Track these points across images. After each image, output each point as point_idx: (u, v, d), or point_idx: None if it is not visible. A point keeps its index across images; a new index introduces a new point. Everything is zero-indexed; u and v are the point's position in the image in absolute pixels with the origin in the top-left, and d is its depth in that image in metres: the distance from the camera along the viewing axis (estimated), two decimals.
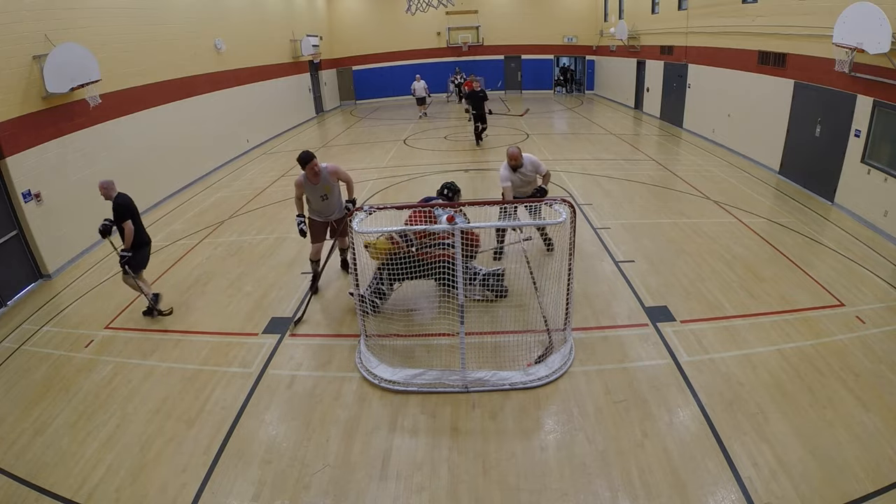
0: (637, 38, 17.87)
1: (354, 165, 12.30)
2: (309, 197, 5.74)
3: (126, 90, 9.26)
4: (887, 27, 6.55)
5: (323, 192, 5.65)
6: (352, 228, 4.34)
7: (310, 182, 5.57)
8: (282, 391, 4.49)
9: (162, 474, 3.66)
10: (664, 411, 4.03)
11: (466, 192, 9.66)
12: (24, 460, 3.86)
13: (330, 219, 5.95)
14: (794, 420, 3.85)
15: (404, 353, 4.85)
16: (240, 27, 14.23)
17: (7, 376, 4.96)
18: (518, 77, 24.31)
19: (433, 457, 3.72)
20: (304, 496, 3.45)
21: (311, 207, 5.86)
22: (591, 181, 10.14)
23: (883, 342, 4.72)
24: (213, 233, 8.39)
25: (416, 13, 16.49)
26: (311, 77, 20.19)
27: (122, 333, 5.57)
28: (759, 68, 10.65)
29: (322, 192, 5.65)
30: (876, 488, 3.25)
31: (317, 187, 5.60)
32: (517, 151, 6.03)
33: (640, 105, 18.43)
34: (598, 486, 3.40)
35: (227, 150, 13.42)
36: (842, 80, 8.02)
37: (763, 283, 5.88)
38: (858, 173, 7.73)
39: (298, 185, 5.63)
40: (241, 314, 5.78)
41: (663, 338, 4.96)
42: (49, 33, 7.24)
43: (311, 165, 5.45)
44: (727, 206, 8.47)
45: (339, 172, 5.73)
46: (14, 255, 6.73)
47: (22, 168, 6.77)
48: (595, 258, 6.65)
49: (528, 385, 4.31)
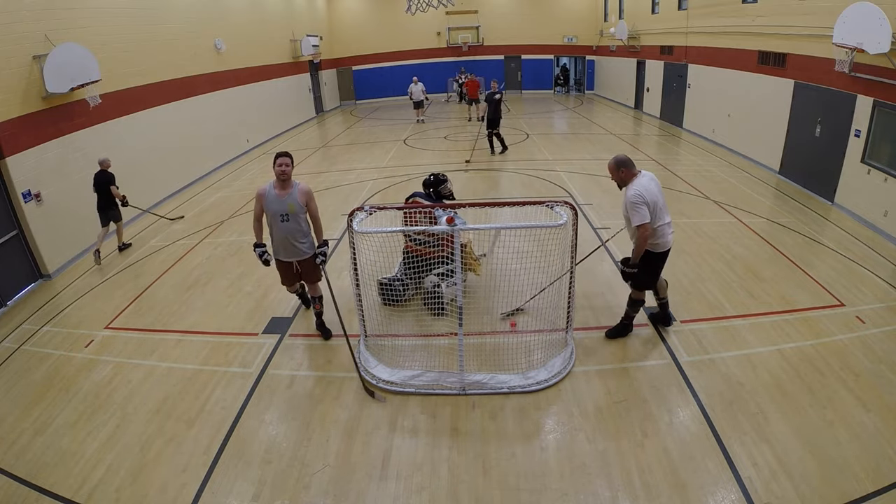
0: (637, 38, 17.87)
1: (354, 165, 12.32)
2: (269, 218, 4.68)
3: (126, 90, 9.27)
4: (887, 27, 6.55)
5: (285, 211, 4.59)
6: (352, 229, 4.33)
7: (275, 192, 4.59)
8: (282, 391, 4.49)
9: (162, 474, 3.66)
10: (664, 411, 4.03)
11: (466, 192, 9.67)
12: (24, 460, 3.86)
13: (293, 258, 4.85)
14: (794, 420, 3.84)
15: (404, 353, 4.85)
16: (240, 27, 14.24)
17: (7, 376, 4.96)
18: (518, 77, 24.32)
19: (433, 457, 3.72)
20: (304, 496, 3.45)
21: (273, 239, 4.78)
22: (591, 181, 10.14)
23: (883, 342, 4.72)
24: (213, 233, 8.39)
25: (416, 13, 16.49)
26: (311, 77, 20.19)
27: (122, 333, 5.57)
28: (759, 68, 10.65)
29: (284, 210, 4.59)
30: (876, 488, 3.25)
31: (280, 200, 4.57)
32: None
33: (640, 105, 18.43)
34: (598, 486, 3.40)
35: (227, 150, 13.42)
36: (842, 80, 8.02)
37: (763, 283, 5.88)
38: (858, 173, 7.73)
39: (259, 196, 4.64)
40: (241, 314, 5.78)
41: (663, 338, 4.96)
42: (49, 33, 7.24)
43: (282, 160, 4.55)
44: (727, 206, 8.47)
45: (311, 198, 4.71)
46: (14, 255, 6.73)
47: (22, 168, 6.78)
48: (595, 258, 6.63)
49: (527, 389, 4.31)
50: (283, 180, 4.58)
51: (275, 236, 4.75)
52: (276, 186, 4.60)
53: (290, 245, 4.76)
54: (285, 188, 4.60)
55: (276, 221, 4.65)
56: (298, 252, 4.82)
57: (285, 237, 4.71)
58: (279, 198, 4.59)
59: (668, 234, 4.49)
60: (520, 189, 9.89)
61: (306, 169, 12.38)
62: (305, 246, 4.82)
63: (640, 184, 4.33)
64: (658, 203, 4.36)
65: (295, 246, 4.77)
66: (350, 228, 4.36)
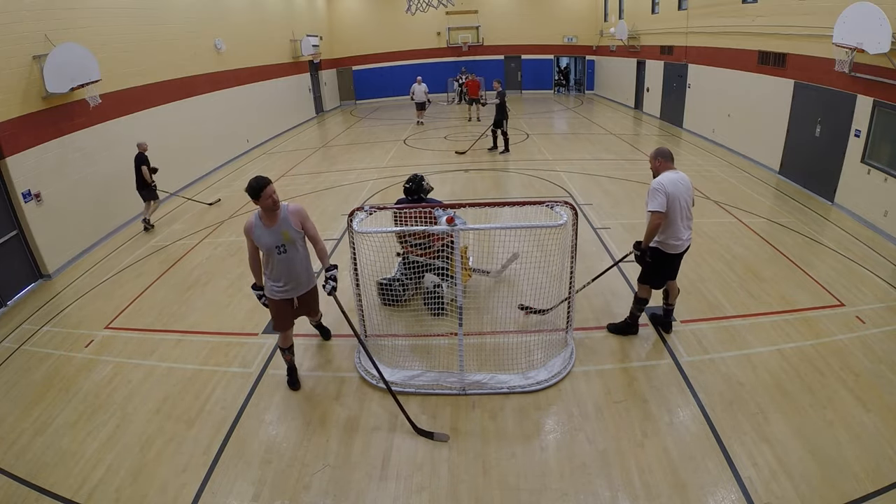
0: (637, 38, 17.87)
1: (354, 165, 12.33)
2: (264, 255, 4.09)
3: (126, 90, 9.27)
4: (887, 27, 6.55)
5: (280, 242, 3.98)
6: (352, 229, 4.32)
7: (263, 223, 3.97)
8: (282, 391, 4.49)
9: (162, 474, 3.66)
10: (664, 411, 4.03)
11: (466, 192, 9.67)
12: (24, 460, 3.86)
13: (293, 293, 4.23)
14: (794, 420, 3.84)
15: (403, 353, 4.85)
16: (240, 27, 14.24)
17: (7, 376, 4.95)
18: (518, 77, 24.32)
19: (433, 457, 3.72)
20: (304, 496, 3.45)
21: (267, 275, 4.18)
22: (591, 181, 10.14)
23: (883, 342, 4.72)
24: (213, 233, 8.40)
25: (416, 13, 16.48)
26: (311, 77, 20.19)
27: (122, 333, 5.57)
28: (759, 68, 10.65)
29: (279, 241, 3.98)
30: (876, 488, 3.25)
31: (272, 232, 3.96)
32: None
33: (640, 105, 18.43)
34: (598, 486, 3.40)
35: (227, 150, 13.43)
36: (842, 80, 8.02)
37: (763, 283, 5.88)
38: (858, 173, 7.73)
39: (248, 231, 3.99)
40: (241, 314, 5.78)
41: (663, 338, 4.96)
42: (49, 33, 7.24)
43: (267, 193, 3.84)
44: (727, 206, 8.47)
45: (305, 218, 4.11)
46: (14, 255, 6.73)
47: (22, 168, 6.77)
48: (595, 258, 6.65)
49: (527, 389, 4.31)
50: (273, 210, 3.96)
51: (275, 272, 4.12)
52: (263, 217, 3.98)
53: (295, 277, 4.18)
54: (274, 217, 3.99)
55: (273, 255, 4.03)
56: (305, 283, 4.28)
57: (288, 270, 4.11)
58: (269, 229, 3.97)
59: (681, 237, 4.47)
60: (520, 189, 9.89)
61: (306, 169, 12.39)
62: (308, 277, 4.30)
63: (667, 176, 4.39)
64: (679, 201, 4.36)
65: (300, 278, 4.22)
66: (350, 228, 4.35)
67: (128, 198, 9.01)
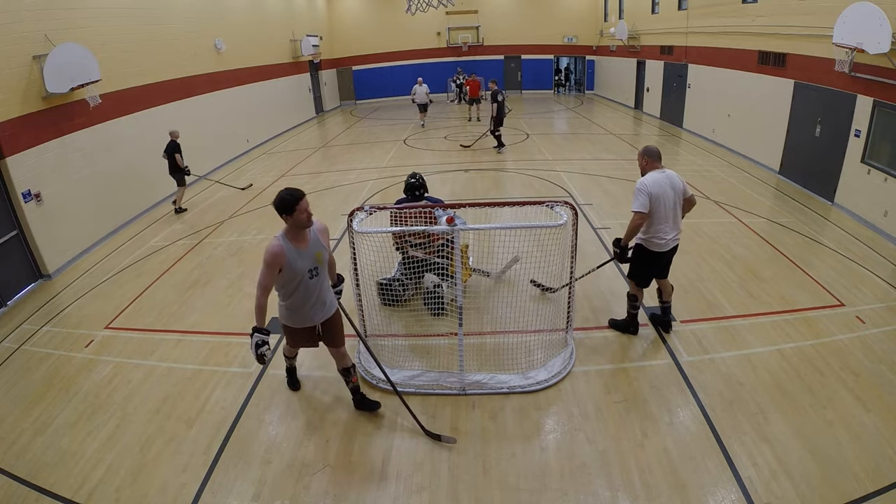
0: (637, 38, 17.87)
1: (354, 165, 12.33)
2: (287, 281, 3.51)
3: (126, 90, 9.27)
4: (887, 27, 6.55)
5: (314, 265, 3.54)
6: (352, 229, 4.32)
7: (295, 245, 3.45)
8: (282, 391, 4.49)
9: (162, 474, 3.66)
10: (664, 411, 4.03)
11: (466, 192, 9.67)
12: (24, 460, 3.86)
13: (319, 318, 3.76)
14: (794, 420, 3.84)
15: (403, 353, 4.85)
16: (240, 27, 14.24)
17: (7, 376, 4.95)
18: (518, 77, 24.32)
19: (433, 457, 3.72)
20: (304, 496, 3.45)
21: (289, 304, 3.66)
22: (591, 181, 10.14)
23: (883, 342, 4.72)
24: (214, 233, 8.40)
25: (416, 13, 16.49)
26: (311, 77, 20.19)
27: (122, 333, 5.57)
28: (759, 68, 10.65)
29: (312, 264, 3.53)
30: (876, 488, 3.25)
31: (305, 254, 3.49)
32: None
33: (640, 105, 18.43)
34: (598, 486, 3.40)
35: (227, 150, 13.43)
36: (842, 80, 8.02)
37: (763, 283, 5.88)
38: (858, 173, 7.73)
39: (276, 258, 3.37)
40: (241, 314, 5.78)
41: (663, 338, 4.96)
42: (49, 33, 7.24)
43: (302, 206, 3.36)
44: (727, 206, 8.47)
45: (328, 235, 3.76)
46: (14, 255, 6.73)
47: (22, 168, 6.77)
48: (595, 258, 6.64)
49: (527, 389, 4.31)
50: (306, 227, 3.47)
51: (299, 299, 3.61)
52: (292, 238, 3.46)
53: (321, 300, 3.72)
54: (304, 237, 3.50)
55: (304, 280, 3.53)
56: (330, 305, 3.83)
57: (318, 294, 3.67)
58: (302, 251, 3.48)
59: (665, 236, 4.45)
60: (520, 189, 9.89)
61: (306, 169, 12.39)
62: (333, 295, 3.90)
63: (652, 176, 4.38)
64: (664, 200, 4.34)
65: (326, 298, 3.77)
66: (350, 228, 4.36)
67: (128, 198, 9.03)
